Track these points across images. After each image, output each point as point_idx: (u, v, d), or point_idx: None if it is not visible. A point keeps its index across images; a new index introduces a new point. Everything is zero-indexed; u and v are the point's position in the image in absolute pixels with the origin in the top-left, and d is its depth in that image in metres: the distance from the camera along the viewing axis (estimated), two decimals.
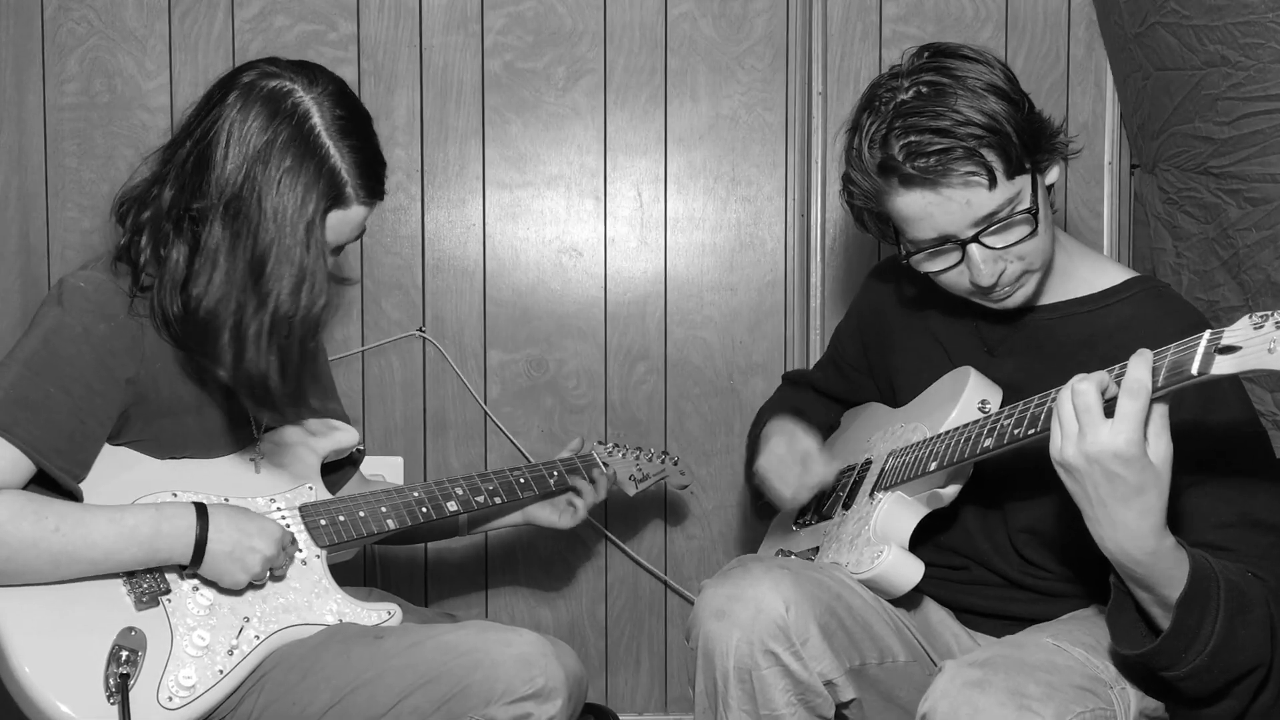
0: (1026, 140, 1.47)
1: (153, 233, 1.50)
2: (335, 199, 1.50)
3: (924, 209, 1.49)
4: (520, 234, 2.37)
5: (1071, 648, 1.41)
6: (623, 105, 2.36)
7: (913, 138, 1.45)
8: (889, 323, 1.84)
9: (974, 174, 1.44)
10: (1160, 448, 1.23)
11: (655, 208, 2.38)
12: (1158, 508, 1.25)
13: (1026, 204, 1.48)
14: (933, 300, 1.70)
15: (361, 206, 1.53)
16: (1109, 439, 1.21)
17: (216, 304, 1.46)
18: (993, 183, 1.45)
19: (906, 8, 2.35)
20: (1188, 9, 1.93)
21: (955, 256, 1.52)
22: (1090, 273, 1.61)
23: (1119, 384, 1.23)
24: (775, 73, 2.36)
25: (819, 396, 2.01)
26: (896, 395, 1.80)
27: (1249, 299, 1.91)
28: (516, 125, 2.36)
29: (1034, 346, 1.61)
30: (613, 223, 2.38)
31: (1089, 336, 1.55)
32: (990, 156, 1.44)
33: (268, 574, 1.53)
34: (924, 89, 1.47)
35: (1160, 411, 1.23)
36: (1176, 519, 1.39)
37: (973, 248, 1.49)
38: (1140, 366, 1.21)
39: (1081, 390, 1.24)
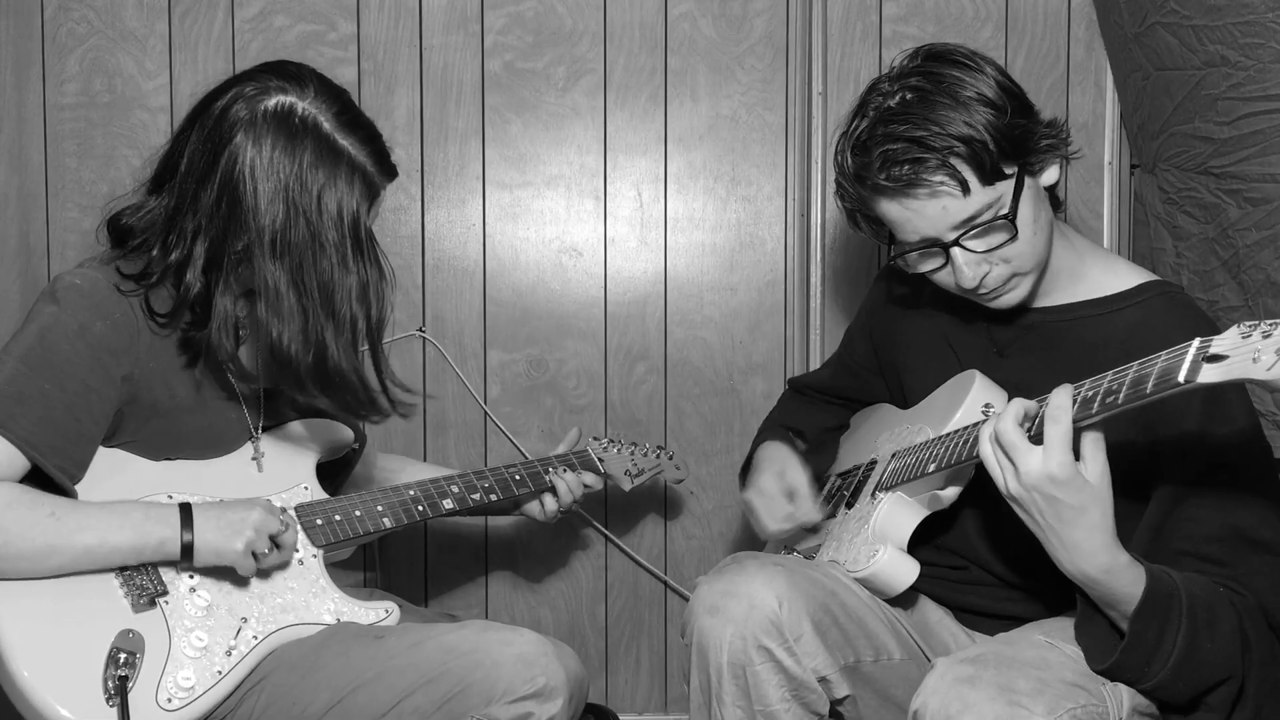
0: (1007, 147, 1.47)
1: (188, 279, 1.50)
2: (370, 194, 1.54)
3: (902, 214, 1.51)
4: (520, 234, 2.37)
5: (1064, 645, 1.42)
6: (623, 105, 2.36)
7: (889, 146, 1.47)
8: (898, 322, 1.84)
9: (944, 184, 1.46)
10: (1095, 468, 1.28)
11: (655, 208, 2.38)
12: (1103, 525, 1.29)
13: (1006, 209, 1.48)
14: (942, 301, 1.70)
15: (385, 188, 1.58)
16: (1041, 465, 1.27)
17: (297, 339, 1.49)
18: (966, 190, 1.46)
19: (906, 8, 2.34)
20: (1188, 9, 1.93)
21: (941, 258, 1.53)
22: (1102, 275, 1.60)
23: (1043, 410, 1.29)
24: (775, 73, 2.36)
25: (825, 402, 2.02)
26: (905, 394, 1.80)
27: (1249, 299, 1.91)
28: (516, 125, 2.36)
29: (1044, 348, 1.61)
30: (613, 223, 2.38)
31: (1098, 340, 1.55)
32: (962, 166, 1.45)
33: (269, 547, 1.52)
34: (909, 95, 1.48)
35: (1092, 436, 1.28)
36: (1170, 529, 1.40)
37: (955, 250, 1.50)
38: (1061, 393, 1.28)
39: (1001, 430, 1.31)
